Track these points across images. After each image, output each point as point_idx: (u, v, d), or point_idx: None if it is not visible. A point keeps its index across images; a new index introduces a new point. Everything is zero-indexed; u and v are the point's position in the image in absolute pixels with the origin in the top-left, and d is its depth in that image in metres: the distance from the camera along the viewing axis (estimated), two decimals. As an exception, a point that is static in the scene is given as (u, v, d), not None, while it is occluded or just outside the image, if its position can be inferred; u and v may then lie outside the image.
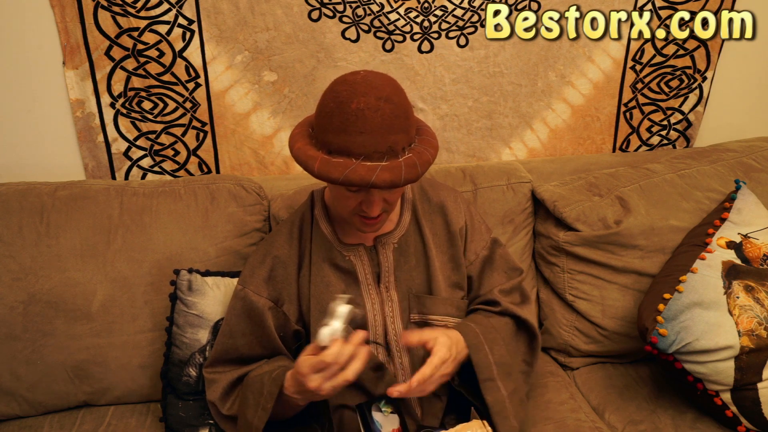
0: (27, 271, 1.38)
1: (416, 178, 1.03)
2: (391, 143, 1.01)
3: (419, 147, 1.07)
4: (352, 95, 1.01)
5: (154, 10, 1.50)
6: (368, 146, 1.00)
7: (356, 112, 0.99)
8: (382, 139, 1.00)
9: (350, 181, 0.99)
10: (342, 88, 1.03)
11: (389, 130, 1.01)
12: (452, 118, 1.73)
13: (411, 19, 1.60)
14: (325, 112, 1.03)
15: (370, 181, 0.99)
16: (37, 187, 1.46)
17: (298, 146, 1.07)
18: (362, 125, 0.99)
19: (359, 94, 1.01)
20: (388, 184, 1.00)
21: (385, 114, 1.00)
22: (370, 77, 1.04)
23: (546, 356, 1.61)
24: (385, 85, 1.04)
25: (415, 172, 1.02)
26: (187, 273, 1.37)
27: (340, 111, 1.00)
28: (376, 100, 1.00)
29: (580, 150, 1.85)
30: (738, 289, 1.34)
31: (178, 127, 1.63)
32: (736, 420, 1.31)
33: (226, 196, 1.49)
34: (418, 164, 1.03)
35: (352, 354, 0.99)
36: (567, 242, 1.54)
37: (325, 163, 1.01)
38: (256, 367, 1.20)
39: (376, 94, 1.01)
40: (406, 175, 1.01)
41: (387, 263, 1.22)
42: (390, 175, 1.00)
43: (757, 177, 1.64)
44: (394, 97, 1.03)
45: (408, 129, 1.05)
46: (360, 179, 0.99)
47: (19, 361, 1.37)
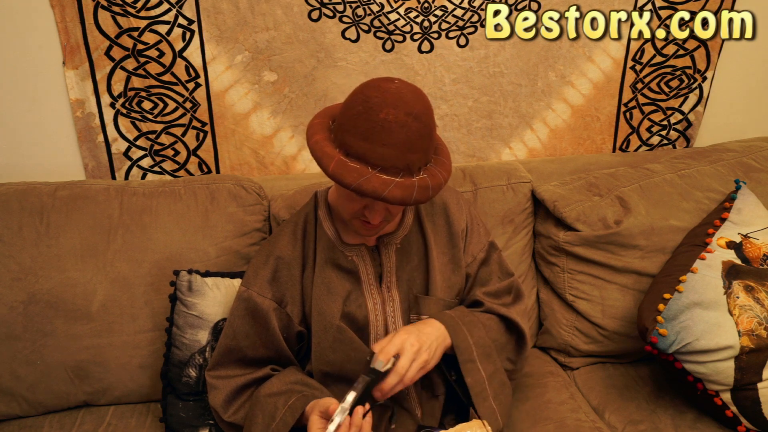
0: (27, 271, 1.38)
1: (426, 200, 1.03)
2: (410, 161, 1.01)
3: (434, 168, 1.06)
4: (383, 105, 0.99)
5: (154, 10, 1.50)
6: (387, 160, 1.00)
7: (383, 123, 0.98)
8: (402, 156, 1.00)
9: (362, 191, 0.99)
10: (374, 93, 1.01)
11: (411, 148, 1.00)
12: (452, 118, 1.73)
13: (411, 19, 1.60)
14: (351, 113, 1.02)
15: (381, 195, 0.99)
16: (37, 187, 1.46)
17: (316, 139, 1.05)
18: (387, 137, 0.99)
19: (390, 105, 0.99)
20: (399, 201, 1.00)
21: (411, 131, 1.00)
22: (404, 90, 1.03)
23: (546, 356, 1.61)
24: (417, 101, 1.02)
25: (426, 195, 1.02)
26: (186, 274, 1.37)
27: (368, 117, 0.99)
28: (405, 115, 0.99)
29: (580, 150, 1.85)
30: (738, 289, 1.34)
31: (178, 127, 1.63)
32: (736, 420, 1.31)
33: (226, 196, 1.49)
34: (431, 187, 1.03)
35: None
36: (567, 242, 1.54)
37: (341, 166, 1.00)
38: (260, 376, 1.20)
39: (406, 109, 1.00)
40: (417, 195, 1.01)
41: (389, 263, 1.22)
42: (401, 193, 1.00)
43: (757, 177, 1.64)
44: (423, 116, 1.02)
45: (428, 149, 1.05)
46: (373, 191, 0.99)
47: (19, 361, 1.37)
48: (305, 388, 1.13)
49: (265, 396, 1.15)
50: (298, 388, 1.14)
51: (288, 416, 1.08)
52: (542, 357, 1.60)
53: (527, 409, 1.38)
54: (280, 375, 1.19)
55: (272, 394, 1.14)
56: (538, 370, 1.52)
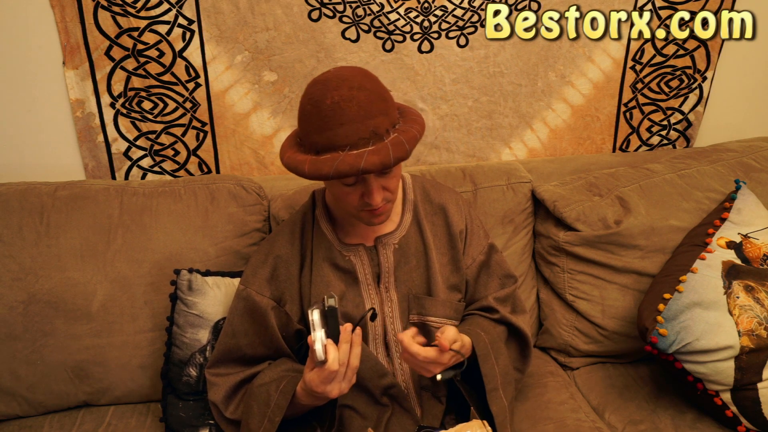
0: (27, 271, 1.38)
1: (406, 155, 1.03)
2: (373, 127, 1.02)
3: (404, 126, 1.07)
4: (325, 92, 1.02)
5: (154, 10, 1.50)
6: (351, 136, 1.01)
7: (332, 107, 1.01)
8: (362, 126, 1.01)
9: (340, 173, 1.00)
10: (315, 89, 1.04)
11: (367, 115, 1.02)
12: (452, 118, 1.73)
13: (411, 19, 1.60)
14: (304, 116, 1.05)
15: (359, 168, 0.99)
16: (37, 187, 1.46)
17: (288, 155, 1.08)
18: (340, 117, 1.00)
19: (331, 89, 1.02)
20: (378, 166, 1.00)
21: (360, 101, 1.01)
22: (341, 71, 1.06)
23: (546, 356, 1.61)
24: (356, 75, 1.05)
25: (403, 150, 1.02)
26: (187, 273, 1.37)
27: (317, 110, 1.02)
28: (349, 90, 1.02)
29: (580, 150, 1.85)
30: (738, 289, 1.34)
31: (178, 127, 1.63)
32: (736, 420, 1.31)
33: (226, 196, 1.49)
34: (405, 141, 1.03)
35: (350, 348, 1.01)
36: (567, 242, 1.54)
37: (314, 164, 1.02)
38: (259, 370, 1.20)
39: (347, 85, 1.02)
40: (394, 153, 1.01)
41: (387, 263, 1.22)
42: (378, 158, 1.00)
43: (757, 177, 1.64)
44: (366, 83, 1.04)
45: (388, 111, 1.05)
46: (349, 167, 0.99)
47: (19, 361, 1.37)
48: (297, 374, 1.14)
49: (258, 386, 1.16)
50: (290, 374, 1.15)
51: (281, 400, 1.09)
52: (542, 357, 1.60)
53: (527, 409, 1.38)
54: (272, 365, 1.21)
55: (264, 383, 1.15)
56: (538, 370, 1.52)
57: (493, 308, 1.27)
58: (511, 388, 1.21)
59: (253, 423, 1.11)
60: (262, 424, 1.09)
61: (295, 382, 1.10)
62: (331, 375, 1.00)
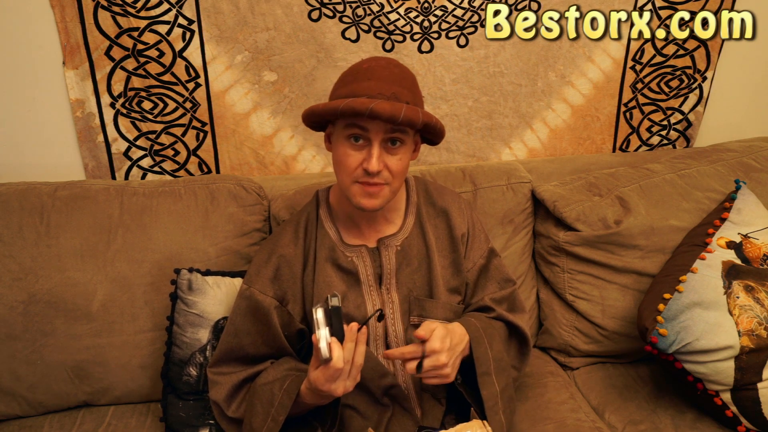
0: (27, 271, 1.38)
1: (417, 120, 1.05)
2: (396, 92, 1.07)
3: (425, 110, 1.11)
4: (365, 61, 1.14)
5: (154, 10, 1.50)
6: (373, 89, 1.06)
7: (366, 69, 1.10)
8: (387, 86, 1.07)
9: (351, 108, 1.03)
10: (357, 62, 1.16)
11: (395, 81, 1.08)
12: (452, 118, 1.73)
13: (411, 19, 1.60)
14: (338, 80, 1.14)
15: (369, 107, 1.01)
16: (37, 187, 1.46)
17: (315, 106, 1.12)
18: (370, 75, 1.08)
19: (371, 59, 1.13)
20: (388, 113, 1.02)
21: (393, 72, 1.10)
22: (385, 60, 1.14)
23: (546, 356, 1.61)
24: (399, 64, 1.14)
25: (416, 115, 1.05)
26: (187, 272, 1.37)
27: (352, 70, 1.12)
28: (387, 62, 1.12)
29: (580, 150, 1.85)
30: (738, 289, 1.34)
31: (178, 127, 1.63)
32: (736, 420, 1.31)
33: (226, 196, 1.49)
34: (421, 113, 1.06)
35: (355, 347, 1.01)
36: (567, 242, 1.54)
37: (330, 103, 1.08)
38: (262, 369, 1.20)
39: (386, 61, 1.12)
40: (406, 112, 1.03)
41: (389, 265, 1.22)
42: (390, 107, 1.03)
43: (757, 177, 1.64)
44: (404, 67, 1.14)
45: (414, 91, 1.11)
46: (360, 105, 1.02)
47: (19, 361, 1.37)
48: (301, 373, 1.14)
49: (261, 385, 1.16)
50: (293, 373, 1.15)
51: (285, 399, 1.09)
52: (542, 357, 1.60)
53: (527, 409, 1.38)
54: (275, 364, 1.20)
55: (268, 382, 1.15)
56: (538, 370, 1.52)
57: (490, 307, 1.27)
58: (505, 375, 1.19)
59: (257, 422, 1.11)
60: (266, 423, 1.09)
61: (299, 381, 1.10)
62: (336, 373, 0.99)
